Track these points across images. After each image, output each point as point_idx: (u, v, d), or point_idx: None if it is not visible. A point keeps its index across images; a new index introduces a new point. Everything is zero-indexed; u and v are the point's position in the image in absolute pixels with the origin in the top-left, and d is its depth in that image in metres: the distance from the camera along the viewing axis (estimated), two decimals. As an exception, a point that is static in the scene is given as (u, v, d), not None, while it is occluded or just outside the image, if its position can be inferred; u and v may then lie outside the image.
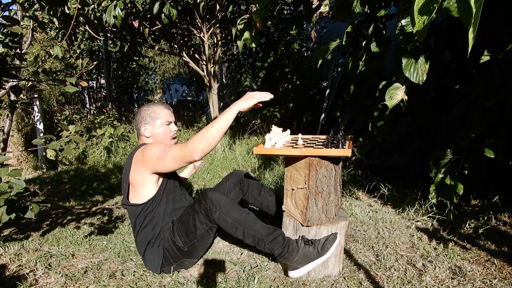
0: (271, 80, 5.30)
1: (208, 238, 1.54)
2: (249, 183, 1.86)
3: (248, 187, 1.86)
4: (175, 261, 1.53)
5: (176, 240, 1.51)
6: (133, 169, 1.50)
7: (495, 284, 1.37)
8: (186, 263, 1.56)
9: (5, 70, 1.36)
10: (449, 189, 1.86)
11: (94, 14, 3.13)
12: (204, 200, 1.45)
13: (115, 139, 4.63)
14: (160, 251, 1.53)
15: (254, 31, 1.79)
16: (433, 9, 0.68)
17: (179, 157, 1.38)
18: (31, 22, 2.84)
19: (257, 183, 1.88)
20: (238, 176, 1.88)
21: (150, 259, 1.55)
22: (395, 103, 1.82)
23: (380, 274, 1.48)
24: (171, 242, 1.52)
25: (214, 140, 1.35)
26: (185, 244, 1.50)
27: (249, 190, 1.86)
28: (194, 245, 1.51)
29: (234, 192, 1.87)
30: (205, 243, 1.57)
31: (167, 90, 12.50)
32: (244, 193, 1.87)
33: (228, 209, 1.44)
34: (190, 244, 1.50)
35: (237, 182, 1.87)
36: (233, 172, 1.91)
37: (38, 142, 1.33)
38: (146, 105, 1.65)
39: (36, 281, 1.51)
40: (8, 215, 1.15)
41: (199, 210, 1.46)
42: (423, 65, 1.74)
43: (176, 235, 1.51)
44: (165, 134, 1.63)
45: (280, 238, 1.43)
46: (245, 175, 1.88)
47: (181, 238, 1.50)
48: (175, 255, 1.52)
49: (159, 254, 1.53)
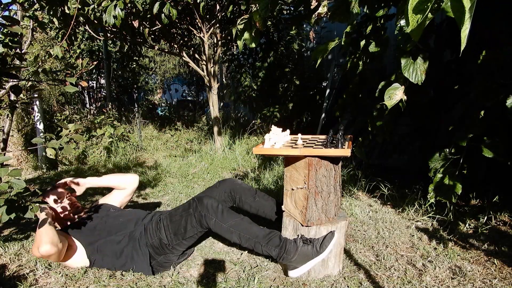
0: (271, 80, 5.30)
1: (195, 238, 1.59)
2: (242, 192, 1.83)
3: (241, 196, 1.83)
4: (160, 254, 1.56)
5: (162, 237, 1.54)
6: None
7: (495, 284, 1.37)
8: (172, 256, 1.59)
9: (5, 70, 1.36)
10: (447, 189, 1.87)
11: (94, 14, 3.13)
12: (200, 206, 1.49)
13: (115, 139, 4.63)
14: (145, 250, 1.55)
15: (254, 31, 1.79)
16: (426, 8, 0.69)
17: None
18: (31, 22, 2.84)
19: (250, 189, 1.85)
20: (229, 186, 1.85)
21: (137, 261, 1.56)
22: (394, 103, 1.82)
23: (380, 274, 1.48)
24: (156, 238, 1.55)
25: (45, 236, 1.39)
26: (171, 242, 1.54)
27: (242, 198, 1.83)
28: (180, 243, 1.55)
29: (223, 199, 1.84)
30: (191, 241, 1.61)
31: (167, 90, 12.50)
32: (238, 202, 1.84)
33: (224, 215, 1.48)
34: (176, 242, 1.54)
35: (228, 190, 1.85)
36: (225, 181, 1.90)
37: (38, 141, 1.33)
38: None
39: (36, 281, 1.52)
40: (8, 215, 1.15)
41: (193, 214, 1.50)
42: (422, 65, 1.74)
43: (162, 232, 1.55)
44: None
45: (276, 238, 1.44)
46: (236, 184, 1.86)
47: (168, 236, 1.54)
48: (161, 250, 1.55)
49: (145, 253, 1.55)
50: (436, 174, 1.93)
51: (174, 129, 6.46)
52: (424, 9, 0.69)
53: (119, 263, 1.57)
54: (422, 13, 0.70)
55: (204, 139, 5.40)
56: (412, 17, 0.71)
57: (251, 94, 5.49)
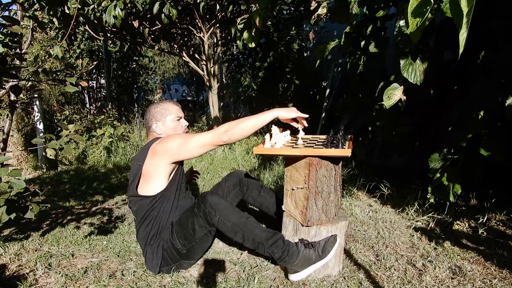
0: (271, 80, 5.30)
1: (207, 240, 1.54)
2: (248, 184, 1.85)
3: (247, 188, 1.85)
4: (173, 262, 1.53)
5: (175, 242, 1.50)
6: (149, 159, 1.50)
7: (495, 284, 1.37)
8: (185, 265, 1.57)
9: (5, 70, 1.36)
10: (446, 189, 1.87)
11: (94, 14, 3.13)
12: (203, 204, 1.45)
13: (115, 139, 4.63)
14: (160, 251, 1.53)
15: (254, 31, 1.79)
16: (426, 11, 0.69)
17: (207, 139, 1.42)
18: (31, 22, 2.84)
19: (256, 183, 1.87)
20: (237, 177, 1.87)
21: (149, 258, 1.55)
22: (393, 103, 1.83)
23: (380, 274, 1.48)
24: (170, 244, 1.52)
25: (245, 132, 1.42)
26: (183, 247, 1.50)
27: (248, 190, 1.85)
28: (192, 247, 1.51)
29: (234, 192, 1.86)
30: (204, 245, 1.57)
31: (167, 90, 12.50)
32: (244, 193, 1.86)
33: (228, 213, 1.44)
34: (188, 246, 1.50)
35: (236, 182, 1.86)
36: (233, 173, 1.90)
37: (38, 141, 1.33)
38: (155, 103, 1.68)
39: (36, 281, 1.52)
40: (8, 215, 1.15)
41: (198, 213, 1.46)
42: (421, 66, 1.74)
43: (175, 237, 1.51)
44: (176, 129, 1.66)
45: (280, 241, 1.43)
46: (245, 175, 1.88)
47: (180, 240, 1.50)
48: (174, 257, 1.52)
49: (158, 254, 1.53)
50: (435, 174, 1.93)
51: (174, 129, 6.44)
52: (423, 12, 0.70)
53: (150, 234, 1.54)
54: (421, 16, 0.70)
55: (204, 139, 5.39)
56: (411, 20, 0.72)
57: (251, 94, 5.49)
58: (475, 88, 1.87)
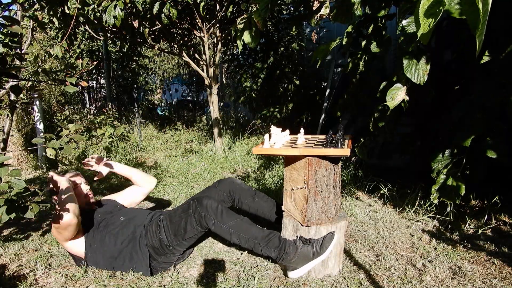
0: (271, 80, 5.30)
1: (195, 239, 1.59)
2: (241, 192, 1.83)
3: (240, 196, 1.83)
4: (160, 255, 1.56)
5: (162, 237, 1.54)
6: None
7: (495, 284, 1.37)
8: (172, 256, 1.59)
9: (5, 70, 1.36)
10: (451, 190, 1.86)
11: (94, 14, 3.13)
12: (199, 207, 1.49)
13: (115, 139, 4.62)
14: (145, 251, 1.55)
15: (254, 31, 1.79)
16: (439, 12, 0.67)
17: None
18: (31, 22, 2.84)
19: (249, 190, 1.85)
20: (228, 185, 1.85)
21: (138, 264, 1.55)
22: (396, 104, 1.82)
23: (380, 274, 1.48)
24: (157, 239, 1.55)
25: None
26: (171, 243, 1.54)
27: (241, 198, 1.83)
28: (180, 243, 1.55)
29: (223, 199, 1.84)
30: (191, 242, 1.61)
31: (167, 90, 12.50)
32: (237, 202, 1.84)
33: (223, 216, 1.48)
34: (176, 243, 1.54)
35: (226, 190, 1.84)
36: (224, 180, 1.89)
37: (38, 141, 1.33)
38: None
39: (36, 281, 1.51)
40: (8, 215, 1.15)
41: (192, 215, 1.50)
42: (424, 66, 1.73)
43: (162, 232, 1.54)
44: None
45: (276, 239, 1.44)
46: (236, 184, 1.86)
47: (168, 236, 1.53)
48: (161, 250, 1.55)
49: (145, 254, 1.55)
50: (439, 175, 1.93)
51: (174, 129, 6.46)
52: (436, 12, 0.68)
53: (118, 263, 1.56)
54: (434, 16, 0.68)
55: (204, 139, 5.40)
56: (423, 21, 0.69)
57: (251, 94, 5.49)
58: (476, 88, 1.86)
